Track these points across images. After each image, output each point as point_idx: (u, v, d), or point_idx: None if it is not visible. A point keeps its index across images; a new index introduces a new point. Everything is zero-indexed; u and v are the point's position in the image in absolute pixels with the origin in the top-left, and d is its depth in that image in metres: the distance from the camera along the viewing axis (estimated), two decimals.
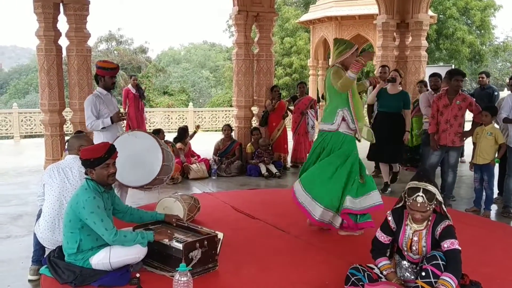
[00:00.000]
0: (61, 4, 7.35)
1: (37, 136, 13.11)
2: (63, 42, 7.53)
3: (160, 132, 7.51)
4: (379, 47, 9.71)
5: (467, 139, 5.98)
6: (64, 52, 7.56)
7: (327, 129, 4.55)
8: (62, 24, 7.48)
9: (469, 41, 22.12)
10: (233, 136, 8.88)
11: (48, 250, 3.69)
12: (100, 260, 3.36)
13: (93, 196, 3.31)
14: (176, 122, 15.05)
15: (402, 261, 3.17)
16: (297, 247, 4.24)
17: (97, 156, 3.37)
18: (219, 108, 17.97)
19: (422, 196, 2.91)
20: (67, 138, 5.26)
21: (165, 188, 5.91)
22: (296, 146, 8.65)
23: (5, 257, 4.20)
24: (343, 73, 4.41)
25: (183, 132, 8.21)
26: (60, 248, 3.52)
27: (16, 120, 12.98)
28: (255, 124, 9.25)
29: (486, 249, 4.21)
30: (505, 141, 5.57)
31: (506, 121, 5.56)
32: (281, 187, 7.18)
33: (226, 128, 8.35)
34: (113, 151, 3.49)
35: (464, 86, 8.07)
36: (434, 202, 2.95)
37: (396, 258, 3.22)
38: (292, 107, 8.76)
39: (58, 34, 7.43)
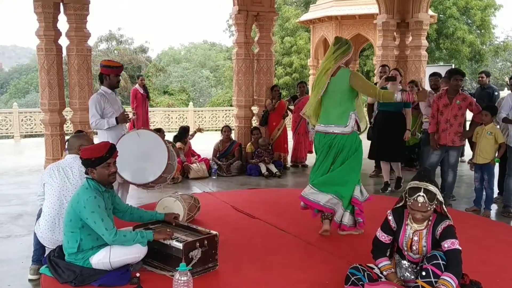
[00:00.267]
0: (61, 4, 7.34)
1: (37, 136, 13.11)
2: (63, 42, 7.54)
3: (160, 132, 7.49)
4: (379, 47, 9.72)
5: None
6: (64, 52, 7.56)
7: (339, 132, 4.40)
8: (62, 24, 7.49)
9: (469, 41, 22.12)
10: (233, 136, 8.88)
11: (48, 250, 3.69)
12: (100, 260, 3.36)
13: (94, 196, 3.31)
14: (176, 122, 15.05)
15: (402, 261, 3.17)
16: (297, 247, 4.24)
17: (98, 156, 3.37)
18: (219, 108, 17.94)
19: (423, 196, 2.90)
20: (67, 138, 5.27)
21: (165, 188, 5.90)
22: (296, 146, 8.66)
23: (5, 257, 4.20)
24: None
25: (184, 132, 8.20)
26: (60, 248, 3.52)
27: (16, 120, 12.98)
28: (255, 124, 9.25)
29: (486, 249, 4.21)
30: (505, 141, 5.57)
31: (506, 121, 5.55)
32: (281, 187, 7.19)
33: (226, 130, 8.33)
34: (114, 151, 3.49)
35: (465, 86, 8.05)
36: (435, 202, 2.95)
37: (396, 258, 3.22)
38: (292, 107, 8.77)
39: (58, 34, 7.43)
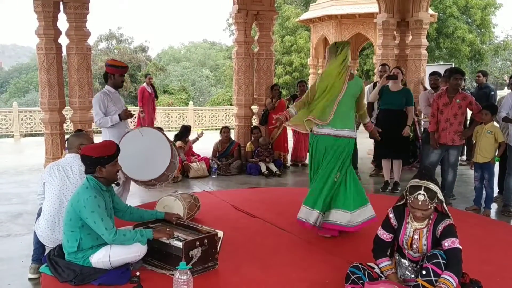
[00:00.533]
0: (61, 3, 7.34)
1: (37, 135, 13.12)
2: (63, 41, 7.53)
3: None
4: (379, 46, 9.70)
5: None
6: (64, 51, 7.55)
7: (352, 136, 4.41)
8: (62, 23, 7.48)
9: (469, 40, 22.12)
10: (233, 135, 8.88)
11: (48, 249, 3.70)
12: (100, 259, 3.36)
13: (94, 195, 3.31)
14: (176, 121, 15.05)
15: (402, 260, 3.17)
16: (297, 246, 4.24)
17: (110, 154, 3.43)
18: (219, 107, 17.94)
19: (424, 194, 2.90)
20: (67, 137, 5.28)
21: (165, 187, 5.90)
22: (296, 145, 8.66)
23: (5, 256, 4.20)
24: None
25: (185, 131, 8.18)
26: (60, 247, 3.52)
27: (16, 119, 12.98)
28: (255, 123, 9.25)
29: (486, 248, 4.21)
30: (505, 140, 5.57)
31: (506, 120, 5.55)
32: (281, 186, 7.19)
33: (225, 131, 8.32)
34: (119, 148, 3.56)
35: (465, 85, 8.05)
36: (435, 201, 2.95)
37: (396, 257, 3.22)
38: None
39: (58, 33, 7.42)
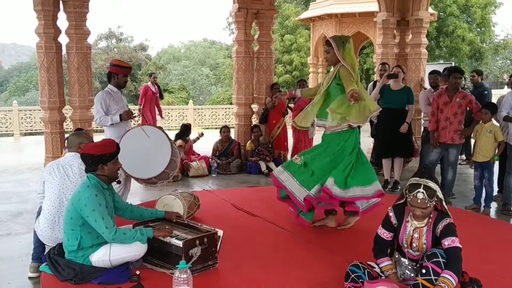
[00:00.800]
0: (61, 2, 7.33)
1: (37, 134, 13.13)
2: (63, 40, 7.52)
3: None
4: (379, 45, 9.70)
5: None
6: (64, 50, 7.54)
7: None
8: (62, 22, 7.48)
9: (469, 39, 22.12)
10: (233, 134, 8.88)
11: (48, 248, 3.70)
12: (100, 257, 3.35)
13: (95, 194, 3.31)
14: (176, 120, 15.05)
15: (402, 259, 3.17)
16: (297, 245, 4.24)
17: (112, 151, 3.46)
18: (219, 106, 17.94)
19: (423, 193, 2.91)
20: (67, 136, 5.28)
21: (165, 186, 5.90)
22: (296, 144, 8.63)
23: (5, 255, 4.21)
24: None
25: (185, 130, 8.18)
26: (60, 246, 3.52)
27: (16, 118, 12.98)
28: (255, 122, 9.25)
29: (486, 247, 4.21)
30: (505, 139, 5.57)
31: (507, 120, 5.55)
32: None
33: (225, 130, 8.32)
34: (119, 146, 3.59)
35: (465, 84, 8.03)
36: (435, 199, 2.95)
37: (396, 256, 3.22)
38: (292, 105, 8.76)
39: (58, 32, 7.42)
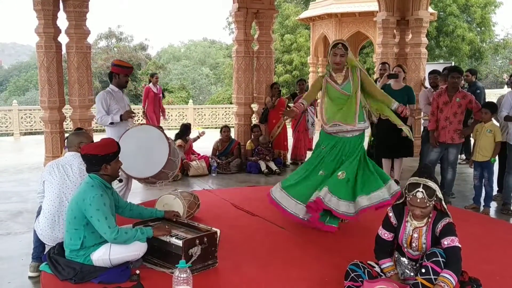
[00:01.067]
0: (61, 1, 7.33)
1: (37, 133, 13.12)
2: (63, 39, 7.53)
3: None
4: (379, 44, 9.70)
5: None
6: (64, 49, 7.55)
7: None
8: (62, 21, 7.48)
9: (469, 39, 22.12)
10: (233, 133, 8.88)
11: (48, 247, 3.70)
12: (100, 256, 3.36)
13: (100, 194, 3.32)
14: (176, 119, 15.03)
15: (402, 258, 3.17)
16: (297, 244, 4.24)
17: (115, 150, 3.48)
18: (219, 105, 17.92)
19: (422, 192, 2.91)
20: (67, 135, 5.29)
21: (165, 185, 5.91)
22: (296, 143, 8.66)
23: (5, 254, 4.21)
24: (314, 83, 4.82)
25: (185, 129, 8.18)
26: (60, 245, 3.52)
27: (16, 117, 12.98)
28: (255, 121, 9.25)
29: (485, 246, 4.22)
30: (505, 139, 5.57)
31: (507, 119, 5.55)
32: None
33: (225, 130, 8.33)
34: (119, 145, 3.61)
35: (465, 84, 8.02)
36: (434, 199, 2.95)
37: (396, 255, 3.22)
38: (292, 104, 8.76)
39: (58, 31, 7.42)
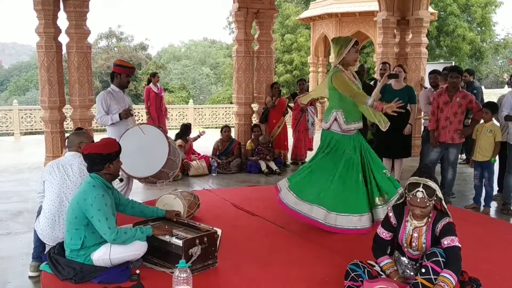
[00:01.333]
0: (61, 1, 7.34)
1: (37, 133, 13.12)
2: (63, 39, 7.53)
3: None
4: (379, 44, 9.70)
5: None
6: (64, 49, 7.55)
7: (324, 128, 4.79)
8: (62, 21, 7.48)
9: (470, 38, 22.12)
10: (233, 133, 8.88)
11: (48, 247, 3.70)
12: (101, 256, 3.36)
13: (102, 194, 3.32)
14: (176, 119, 15.03)
15: (402, 258, 3.17)
16: (297, 244, 4.24)
17: (117, 149, 3.50)
18: (219, 105, 17.92)
19: (422, 192, 2.91)
20: (67, 135, 5.29)
21: (166, 185, 5.91)
22: (296, 143, 8.66)
23: (6, 254, 4.22)
24: (346, 78, 4.47)
25: (186, 129, 8.19)
26: (60, 245, 3.52)
27: (16, 117, 12.99)
28: (255, 121, 9.25)
29: (485, 246, 4.21)
30: (506, 139, 5.57)
31: (508, 119, 5.55)
32: None
33: (226, 130, 8.33)
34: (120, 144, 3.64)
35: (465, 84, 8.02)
36: (434, 198, 2.95)
37: (396, 255, 3.23)
38: (292, 104, 8.77)
39: (58, 31, 7.42)
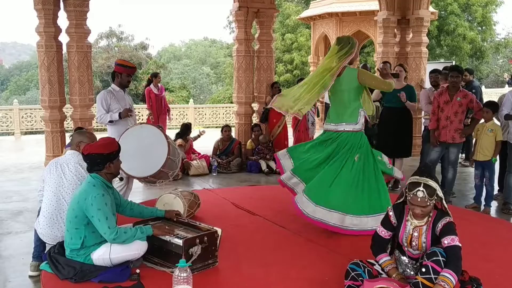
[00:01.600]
0: (61, 1, 7.34)
1: (38, 133, 13.13)
2: (64, 39, 7.54)
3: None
4: (380, 44, 9.69)
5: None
6: (65, 49, 7.55)
7: (350, 129, 4.47)
8: (63, 21, 7.49)
9: (470, 38, 22.12)
10: (234, 132, 8.88)
11: (49, 246, 3.70)
12: (101, 256, 3.36)
13: (102, 193, 3.32)
14: (177, 119, 15.03)
15: (402, 257, 3.17)
16: (297, 243, 4.24)
17: (117, 148, 3.51)
18: (220, 105, 17.92)
19: (423, 191, 2.91)
20: (70, 134, 5.31)
21: (165, 184, 5.91)
22: (297, 143, 8.63)
23: (6, 253, 4.22)
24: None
25: (186, 129, 8.19)
26: (61, 244, 3.52)
27: (17, 117, 12.99)
28: (256, 121, 9.25)
29: (486, 246, 4.21)
30: (506, 138, 5.57)
31: (508, 118, 5.55)
32: None
33: (226, 129, 8.33)
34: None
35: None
36: (435, 198, 2.95)
37: (396, 254, 3.23)
38: None
39: (59, 31, 7.43)
